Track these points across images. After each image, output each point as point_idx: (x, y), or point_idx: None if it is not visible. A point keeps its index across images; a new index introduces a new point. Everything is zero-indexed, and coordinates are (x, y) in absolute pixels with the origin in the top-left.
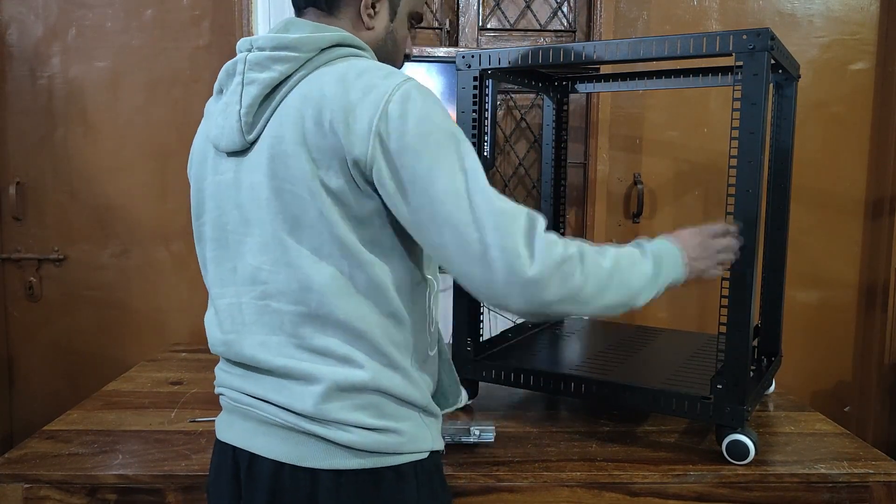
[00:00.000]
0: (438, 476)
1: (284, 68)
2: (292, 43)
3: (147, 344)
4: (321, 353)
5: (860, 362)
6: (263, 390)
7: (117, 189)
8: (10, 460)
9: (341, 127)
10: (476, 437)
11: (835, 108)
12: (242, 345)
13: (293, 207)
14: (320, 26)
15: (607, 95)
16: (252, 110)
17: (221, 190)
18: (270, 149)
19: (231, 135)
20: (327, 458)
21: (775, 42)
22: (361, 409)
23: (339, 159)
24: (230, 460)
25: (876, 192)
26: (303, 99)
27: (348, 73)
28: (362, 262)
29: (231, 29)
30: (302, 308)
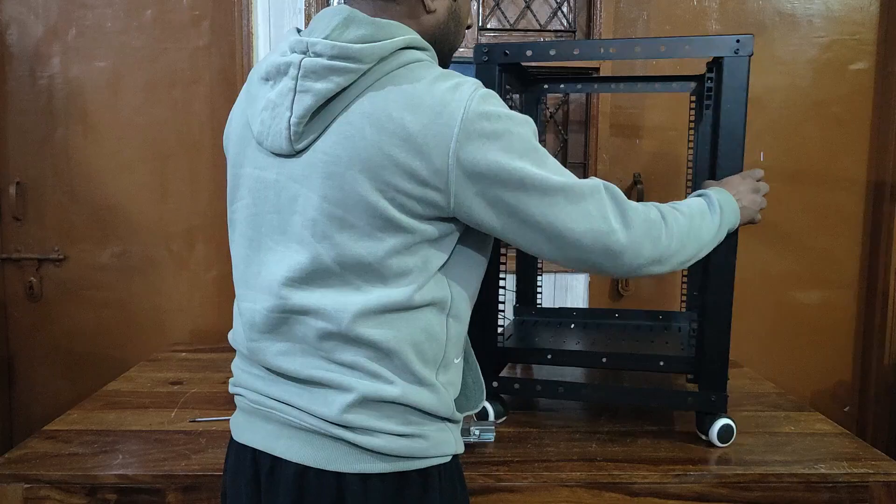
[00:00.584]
0: (460, 478)
1: (343, 80)
2: (354, 53)
3: (147, 344)
4: (349, 366)
5: (860, 362)
6: (287, 394)
7: (117, 189)
8: (10, 460)
9: (415, 159)
10: (476, 437)
11: (834, 108)
12: (266, 353)
13: (341, 235)
14: (382, 24)
15: (607, 96)
16: (304, 121)
17: (261, 187)
18: (325, 166)
19: (278, 138)
20: (354, 462)
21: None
22: (388, 417)
23: (410, 187)
24: (250, 462)
25: (876, 192)
26: (366, 119)
27: (416, 92)
28: (404, 288)
29: (231, 29)
30: (331, 327)
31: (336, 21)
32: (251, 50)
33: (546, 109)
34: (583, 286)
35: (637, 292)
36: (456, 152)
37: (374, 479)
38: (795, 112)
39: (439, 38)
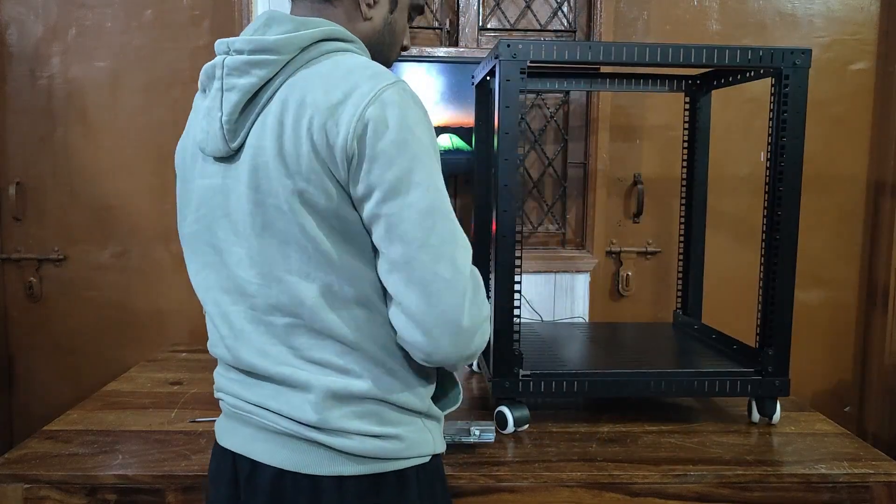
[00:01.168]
0: (440, 478)
1: (264, 73)
2: (271, 45)
3: (147, 344)
4: (319, 363)
5: (860, 362)
6: (262, 397)
7: (117, 189)
8: (10, 460)
9: (321, 134)
10: (476, 437)
11: (835, 108)
12: (240, 351)
13: (277, 222)
14: (304, 21)
15: (607, 95)
16: (234, 117)
17: (210, 195)
18: (252, 159)
19: (215, 141)
20: (329, 465)
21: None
22: (362, 416)
23: (323, 170)
24: (230, 466)
25: (876, 192)
26: (283, 106)
27: (332, 74)
28: (352, 275)
29: (231, 29)
30: (296, 320)
31: (258, 23)
32: None
33: (546, 110)
34: (583, 286)
35: (638, 293)
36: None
37: (349, 481)
38: None
39: (373, 47)
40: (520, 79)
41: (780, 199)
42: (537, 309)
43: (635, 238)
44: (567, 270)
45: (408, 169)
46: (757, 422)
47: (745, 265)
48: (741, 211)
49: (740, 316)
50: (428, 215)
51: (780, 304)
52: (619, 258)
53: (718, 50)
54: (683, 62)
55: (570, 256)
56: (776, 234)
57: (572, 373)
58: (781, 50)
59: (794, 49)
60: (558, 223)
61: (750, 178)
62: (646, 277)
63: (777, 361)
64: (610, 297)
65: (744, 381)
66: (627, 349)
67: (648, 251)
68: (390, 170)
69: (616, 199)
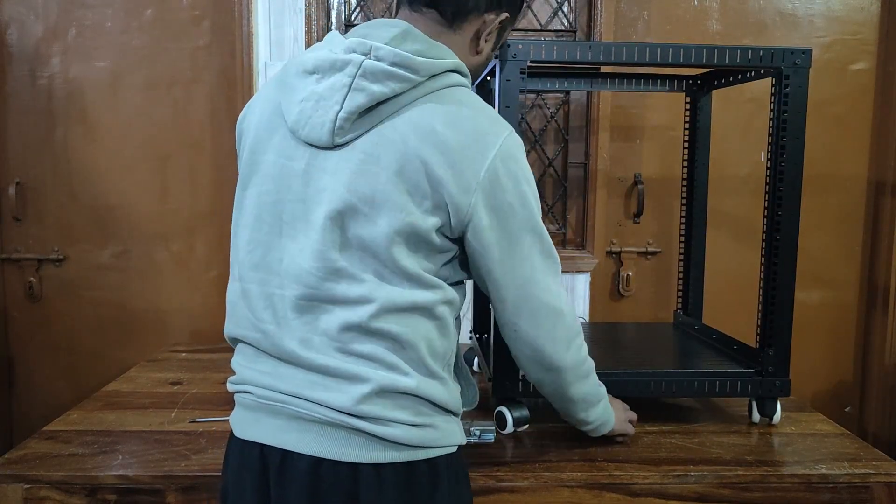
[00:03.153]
0: (463, 468)
1: (398, 87)
2: (414, 64)
3: (147, 344)
4: (367, 357)
5: (861, 362)
6: (297, 387)
7: (117, 189)
8: (10, 460)
9: (448, 172)
10: (476, 438)
11: (835, 108)
12: (283, 338)
13: (363, 229)
14: (434, 45)
15: (608, 95)
16: (352, 117)
17: (286, 176)
18: (361, 164)
19: (319, 130)
20: (368, 452)
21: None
22: (402, 408)
23: (436, 201)
24: (257, 458)
25: (876, 192)
26: (411, 127)
27: (461, 114)
28: (423, 285)
29: (231, 29)
30: (352, 318)
31: (394, 32)
32: (251, 50)
33: (546, 109)
34: (583, 286)
35: (638, 293)
36: (483, 178)
37: (386, 469)
38: None
39: (473, 76)
40: (520, 79)
41: (781, 200)
42: None
43: (636, 238)
44: (567, 270)
45: (523, 217)
46: (757, 422)
47: (746, 265)
48: (741, 211)
49: (740, 316)
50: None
51: (781, 304)
52: (619, 258)
53: (719, 50)
54: (684, 62)
55: (570, 256)
56: (776, 235)
57: None
58: (782, 50)
59: (795, 49)
60: (559, 223)
61: (750, 178)
62: (646, 277)
63: (777, 362)
64: (610, 298)
65: (744, 382)
66: (627, 349)
67: (649, 251)
68: (514, 221)
69: (616, 199)
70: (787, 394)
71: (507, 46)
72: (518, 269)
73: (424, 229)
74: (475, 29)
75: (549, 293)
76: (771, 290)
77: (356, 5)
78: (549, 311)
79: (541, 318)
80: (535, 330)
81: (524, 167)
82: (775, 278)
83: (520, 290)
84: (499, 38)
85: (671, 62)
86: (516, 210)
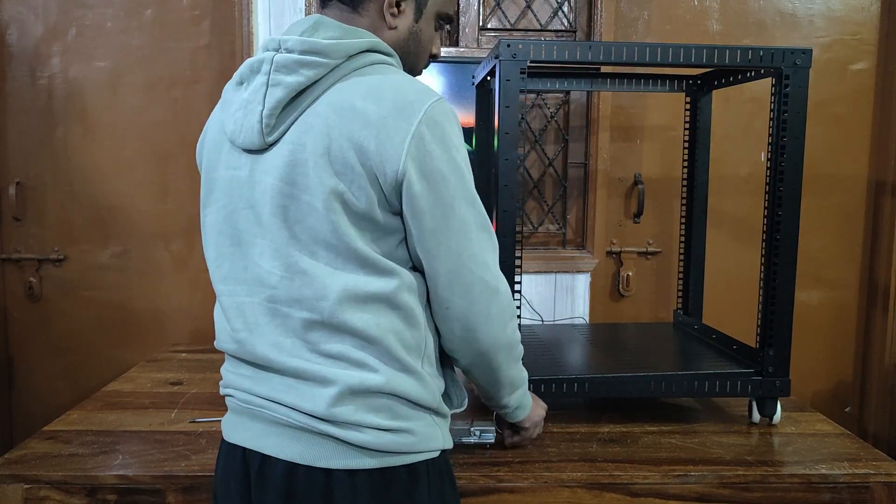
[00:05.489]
0: (448, 473)
1: (312, 73)
2: (323, 48)
3: (147, 344)
4: (334, 356)
5: (861, 362)
6: (274, 391)
7: (117, 189)
8: (10, 460)
9: (372, 143)
10: (476, 438)
11: (836, 108)
12: (255, 344)
13: (308, 218)
14: (350, 29)
15: (608, 95)
16: (275, 113)
17: (235, 186)
18: (290, 154)
19: (250, 133)
20: (342, 458)
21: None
22: (375, 410)
23: (368, 176)
24: (240, 461)
25: (876, 192)
26: (331, 109)
27: (381, 87)
28: (379, 270)
29: (231, 29)
30: (314, 315)
31: (307, 24)
32: (251, 50)
33: (547, 109)
34: (583, 286)
35: (638, 293)
36: (410, 145)
37: (361, 475)
38: None
39: (400, 55)
40: (520, 79)
41: (781, 200)
42: (537, 309)
43: (636, 238)
44: (567, 271)
45: (456, 185)
46: (757, 422)
47: (746, 265)
48: (741, 211)
49: (741, 316)
50: (473, 228)
51: (781, 304)
52: (619, 258)
53: (719, 50)
54: (684, 62)
55: (570, 257)
56: (777, 235)
57: (573, 374)
58: (782, 50)
59: (795, 49)
60: (559, 223)
61: (750, 178)
62: (646, 277)
63: (777, 362)
64: (610, 298)
65: (744, 382)
66: (627, 350)
67: (649, 251)
68: (446, 188)
69: (616, 199)
70: (787, 394)
71: (506, 46)
72: (452, 240)
73: (363, 207)
74: (378, 7)
75: (485, 268)
76: (771, 290)
77: None
78: (484, 287)
79: (475, 295)
80: (469, 306)
81: (453, 134)
82: (775, 278)
83: (453, 263)
84: (419, 9)
85: (671, 62)
86: (447, 177)
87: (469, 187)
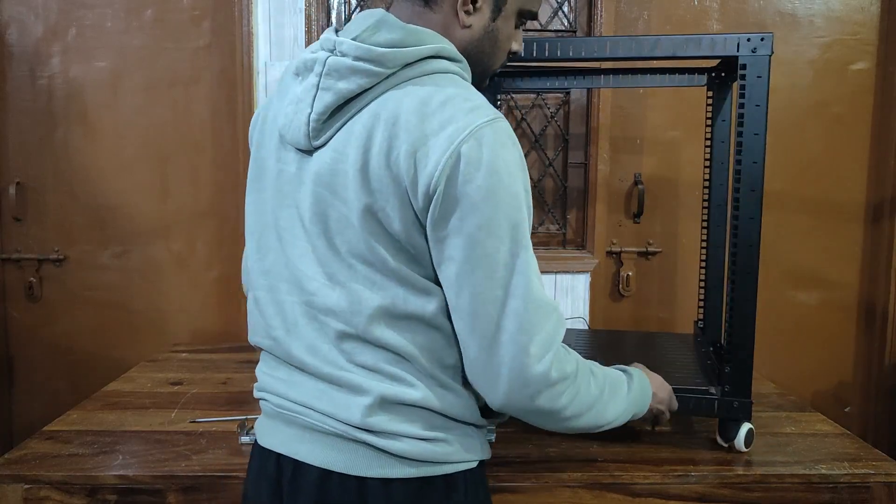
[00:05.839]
0: (484, 484)
1: (364, 82)
2: (378, 56)
3: (147, 344)
4: (369, 368)
5: (860, 362)
6: (308, 397)
7: (117, 189)
8: (10, 460)
9: (409, 161)
10: None
11: (835, 108)
12: (291, 345)
13: (346, 231)
14: (414, 31)
15: (608, 95)
16: (322, 118)
17: (283, 181)
18: (333, 163)
19: (297, 134)
20: (377, 467)
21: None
22: (411, 421)
23: (401, 195)
24: (272, 466)
25: (876, 193)
26: (377, 120)
27: (430, 101)
28: (418, 290)
29: (231, 29)
30: (348, 329)
31: (368, 23)
32: (251, 50)
33: (547, 110)
34: (583, 286)
35: (638, 294)
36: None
37: (396, 484)
38: (796, 112)
39: (472, 55)
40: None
41: (738, 206)
42: None
43: (636, 238)
44: (568, 271)
45: (489, 217)
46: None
47: None
48: None
49: None
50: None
51: (740, 318)
52: (619, 258)
53: (664, 41)
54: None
55: (570, 257)
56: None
57: None
58: (737, 36)
59: (752, 35)
60: (559, 223)
61: None
62: (646, 278)
63: (735, 381)
64: (610, 298)
65: (699, 401)
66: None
67: (649, 251)
68: (472, 216)
69: (616, 199)
70: (748, 417)
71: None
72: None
73: (397, 228)
74: (453, 2)
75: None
76: (729, 305)
77: (356, 5)
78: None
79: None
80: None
81: (500, 159)
82: (733, 289)
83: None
84: (497, 7)
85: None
86: (477, 205)
87: (503, 222)
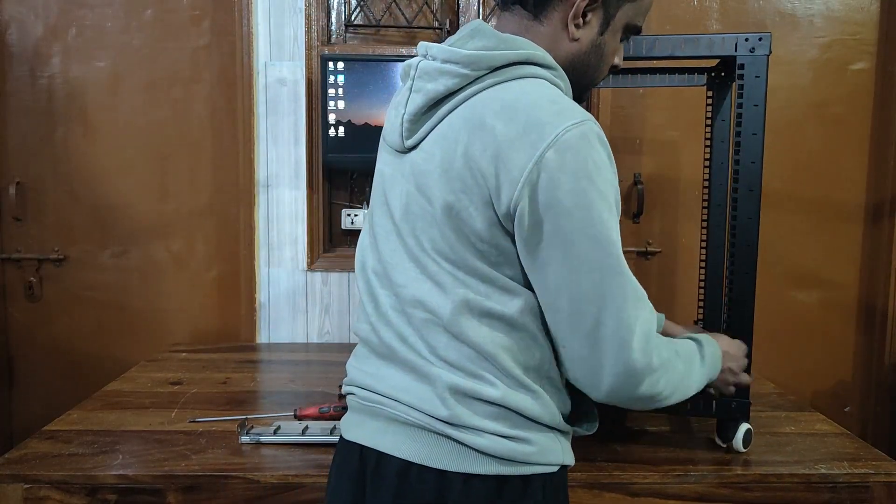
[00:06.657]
0: (564, 490)
1: (451, 83)
2: (462, 58)
3: (147, 344)
4: (452, 363)
5: (860, 362)
6: (394, 390)
7: (117, 189)
8: (10, 460)
9: (492, 165)
10: None
11: (835, 108)
12: (382, 332)
13: (431, 229)
14: (506, 38)
15: (607, 96)
16: (415, 119)
17: (381, 181)
18: (423, 163)
19: (394, 135)
20: (459, 461)
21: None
22: (493, 418)
23: (483, 197)
24: (356, 459)
25: (876, 193)
26: (463, 122)
27: (517, 104)
28: (501, 289)
29: (231, 29)
30: (435, 318)
31: (464, 32)
32: (251, 50)
33: None
34: None
35: None
36: (532, 171)
37: (475, 480)
38: (796, 112)
39: (578, 68)
40: None
41: (737, 206)
42: None
43: (635, 238)
44: None
45: (582, 220)
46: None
47: None
48: None
49: None
50: (598, 268)
51: (739, 318)
52: None
53: (660, 41)
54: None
55: None
56: (733, 241)
57: None
58: (735, 36)
59: (750, 35)
60: None
61: None
62: (646, 278)
63: None
64: None
65: (706, 400)
66: None
67: (649, 251)
68: (565, 221)
69: None
70: (746, 418)
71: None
72: (571, 279)
73: (478, 228)
74: (563, 16)
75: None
76: (728, 303)
77: (356, 5)
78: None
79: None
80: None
81: (590, 162)
82: (732, 289)
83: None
84: (606, 21)
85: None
86: (570, 210)
87: (597, 224)
